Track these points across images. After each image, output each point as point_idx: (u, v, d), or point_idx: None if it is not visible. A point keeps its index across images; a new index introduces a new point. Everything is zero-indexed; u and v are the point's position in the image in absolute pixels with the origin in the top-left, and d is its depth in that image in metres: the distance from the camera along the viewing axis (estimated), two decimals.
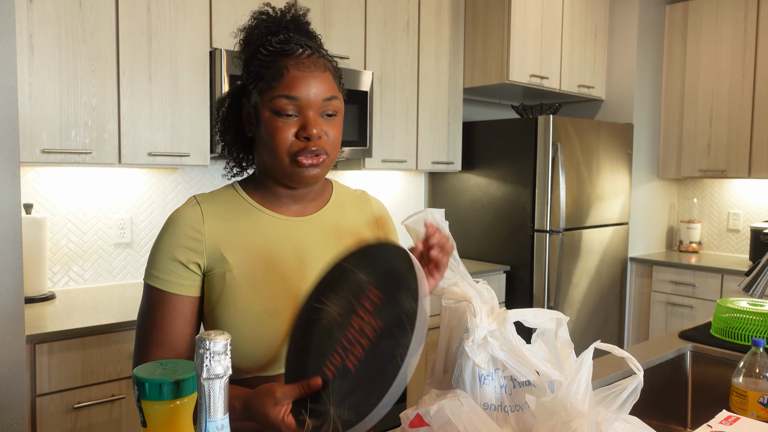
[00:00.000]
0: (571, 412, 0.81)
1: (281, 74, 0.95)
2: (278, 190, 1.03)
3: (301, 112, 0.96)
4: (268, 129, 0.96)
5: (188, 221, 0.99)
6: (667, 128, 4.01)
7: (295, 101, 0.95)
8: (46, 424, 1.81)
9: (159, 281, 0.98)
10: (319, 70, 0.97)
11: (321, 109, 0.97)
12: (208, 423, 0.57)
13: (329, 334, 0.84)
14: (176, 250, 0.97)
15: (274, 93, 0.95)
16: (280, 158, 0.96)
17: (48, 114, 2.03)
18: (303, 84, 0.95)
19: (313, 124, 0.95)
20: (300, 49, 0.98)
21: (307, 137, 0.95)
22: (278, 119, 0.95)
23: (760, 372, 1.27)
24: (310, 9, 2.65)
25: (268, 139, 0.97)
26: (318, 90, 0.96)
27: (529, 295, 3.27)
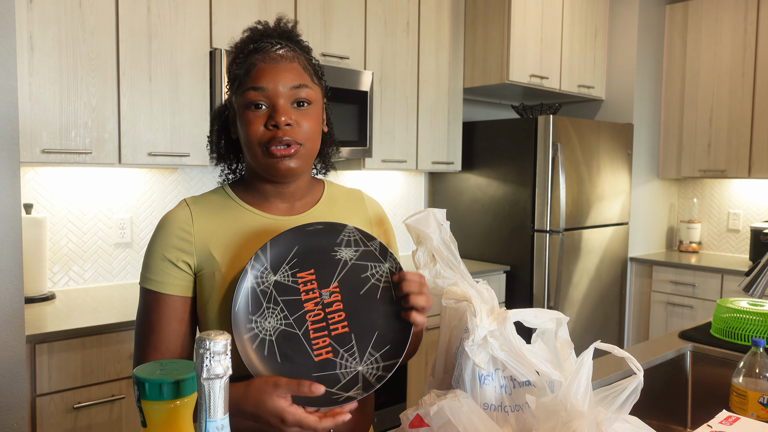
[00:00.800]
0: (571, 412, 0.81)
1: (250, 69, 0.98)
2: (265, 189, 1.04)
3: (270, 102, 0.97)
4: (241, 123, 0.99)
5: (178, 222, 1.01)
6: (667, 128, 4.01)
7: (263, 92, 0.96)
8: (46, 424, 1.81)
9: (152, 283, 0.99)
10: (286, 60, 0.99)
11: (291, 98, 0.98)
12: (208, 423, 0.57)
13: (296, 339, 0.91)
14: (167, 251, 0.99)
15: (244, 87, 0.98)
16: (254, 150, 0.98)
17: (48, 114, 2.03)
18: (270, 74, 0.97)
19: (281, 112, 0.96)
20: (270, 45, 1.00)
21: (275, 125, 0.96)
22: (249, 112, 0.97)
23: (760, 372, 1.27)
24: (310, 9, 2.66)
25: (242, 133, 0.99)
26: (285, 79, 0.97)
27: (529, 295, 3.27)
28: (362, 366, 0.90)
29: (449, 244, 1.04)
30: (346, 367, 0.90)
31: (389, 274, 0.93)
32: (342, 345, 0.90)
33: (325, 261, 0.93)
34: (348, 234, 0.94)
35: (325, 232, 0.94)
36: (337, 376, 0.89)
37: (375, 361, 0.90)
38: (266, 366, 0.89)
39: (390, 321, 0.92)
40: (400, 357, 0.90)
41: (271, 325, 0.90)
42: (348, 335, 0.90)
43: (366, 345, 0.91)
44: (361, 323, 0.91)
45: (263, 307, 0.91)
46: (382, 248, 0.94)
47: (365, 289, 0.93)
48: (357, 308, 0.92)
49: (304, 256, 0.93)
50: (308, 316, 0.90)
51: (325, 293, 0.92)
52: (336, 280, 0.92)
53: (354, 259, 0.94)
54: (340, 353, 0.90)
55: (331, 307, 0.91)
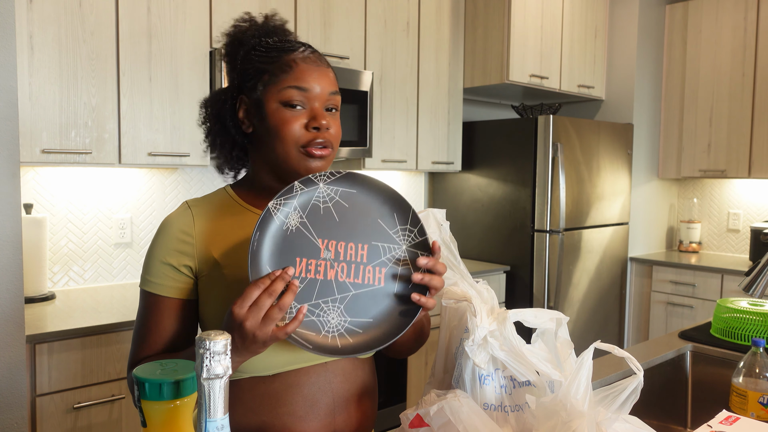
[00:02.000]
0: (571, 412, 0.81)
1: (290, 66, 0.97)
2: (273, 190, 1.04)
3: (309, 104, 0.98)
4: (276, 121, 0.97)
5: (179, 225, 1.00)
6: (667, 128, 4.01)
7: (305, 92, 0.97)
8: (46, 424, 1.81)
9: (151, 285, 0.99)
10: (323, 65, 1.01)
11: (326, 102, 0.99)
12: (208, 423, 0.57)
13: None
14: (167, 254, 0.99)
15: (283, 84, 0.97)
16: (287, 150, 0.97)
17: (48, 114, 2.03)
18: (312, 76, 0.97)
19: (323, 115, 0.97)
20: (301, 47, 1.01)
21: (317, 128, 0.96)
22: (287, 110, 0.97)
23: (760, 372, 1.27)
24: (310, 9, 2.66)
25: (275, 131, 0.97)
26: (325, 83, 0.99)
27: (529, 295, 3.27)
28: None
29: (449, 244, 1.04)
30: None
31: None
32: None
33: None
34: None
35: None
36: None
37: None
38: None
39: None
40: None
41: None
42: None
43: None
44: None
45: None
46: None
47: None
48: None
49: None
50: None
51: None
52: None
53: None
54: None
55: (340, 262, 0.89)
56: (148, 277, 1.00)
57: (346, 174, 0.89)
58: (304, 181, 0.88)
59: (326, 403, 0.98)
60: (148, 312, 1.00)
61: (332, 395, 0.99)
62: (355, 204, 0.90)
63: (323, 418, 0.98)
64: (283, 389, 0.96)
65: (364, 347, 0.87)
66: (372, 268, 0.89)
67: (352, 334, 0.88)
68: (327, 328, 0.87)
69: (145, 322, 1.00)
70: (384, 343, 0.88)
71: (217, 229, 1.00)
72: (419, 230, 0.91)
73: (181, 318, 1.00)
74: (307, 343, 0.85)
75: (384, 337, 0.88)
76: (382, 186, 0.91)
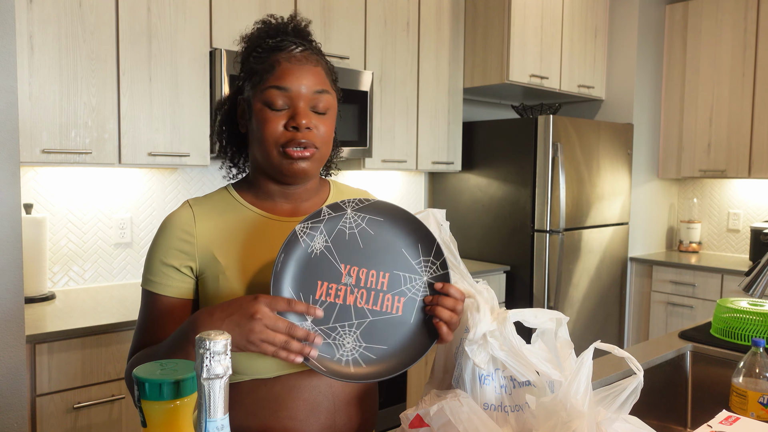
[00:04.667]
0: (571, 412, 0.81)
1: (273, 67, 0.97)
2: (271, 189, 1.03)
3: (291, 104, 0.96)
4: (258, 121, 0.97)
5: (180, 224, 1.00)
6: (667, 128, 4.01)
7: (286, 92, 0.95)
8: (46, 424, 1.81)
9: (152, 285, 0.99)
10: (310, 63, 0.99)
11: (311, 101, 0.97)
12: (208, 423, 0.57)
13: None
14: (168, 254, 0.98)
15: (265, 84, 0.96)
16: (268, 150, 0.97)
17: (48, 114, 2.03)
18: (294, 75, 0.96)
19: (302, 114, 0.95)
20: (293, 46, 0.99)
21: (295, 127, 0.95)
22: (268, 110, 0.96)
23: (760, 372, 1.27)
24: (310, 9, 2.66)
25: (257, 130, 0.97)
26: (309, 82, 0.97)
27: (529, 295, 3.27)
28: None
29: (449, 244, 1.04)
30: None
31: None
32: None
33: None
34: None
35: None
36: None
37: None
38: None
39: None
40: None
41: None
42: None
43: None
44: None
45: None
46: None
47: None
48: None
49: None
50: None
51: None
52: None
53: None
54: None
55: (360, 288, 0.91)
56: (150, 277, 1.00)
57: (374, 202, 0.91)
58: (333, 206, 0.90)
59: (327, 407, 0.98)
60: (148, 311, 1.00)
61: (333, 399, 0.98)
62: (381, 232, 0.92)
63: (324, 421, 0.97)
64: (284, 392, 0.96)
65: (376, 374, 0.88)
66: (391, 296, 0.91)
67: (366, 360, 0.89)
68: (342, 352, 0.88)
69: (146, 320, 1.00)
70: (396, 371, 0.89)
71: (218, 228, 1.00)
72: (441, 263, 0.92)
73: (181, 317, 0.99)
74: (320, 365, 0.86)
75: (397, 366, 0.89)
76: (409, 216, 0.92)
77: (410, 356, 0.90)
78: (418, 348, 0.90)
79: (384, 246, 0.91)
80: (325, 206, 0.90)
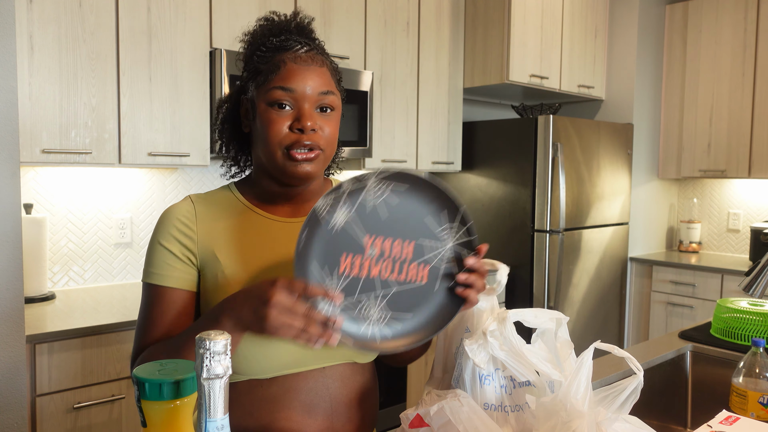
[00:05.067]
0: (571, 412, 0.81)
1: (278, 67, 0.95)
2: (273, 189, 1.02)
3: (297, 105, 0.95)
4: (262, 121, 0.96)
5: (180, 216, 0.99)
6: (667, 128, 4.01)
7: (291, 93, 0.94)
8: (46, 424, 1.81)
9: (154, 276, 0.97)
10: (316, 64, 0.97)
11: (317, 102, 0.96)
12: (208, 423, 0.57)
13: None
14: (169, 243, 0.97)
15: (270, 85, 0.95)
16: (272, 151, 0.95)
17: (48, 114, 2.03)
18: (299, 76, 0.95)
19: (307, 116, 0.94)
20: (298, 45, 0.98)
21: (300, 129, 0.94)
22: (273, 111, 0.95)
23: (760, 372, 1.27)
24: (310, 9, 2.66)
25: (262, 131, 0.96)
26: (314, 83, 0.96)
27: (529, 295, 3.27)
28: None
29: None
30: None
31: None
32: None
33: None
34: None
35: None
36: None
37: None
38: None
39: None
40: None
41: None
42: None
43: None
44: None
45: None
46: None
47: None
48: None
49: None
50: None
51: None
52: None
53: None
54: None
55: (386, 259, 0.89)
56: (150, 269, 0.98)
57: (396, 171, 0.88)
58: (354, 179, 0.87)
59: (324, 408, 0.97)
60: (151, 304, 0.97)
61: (330, 400, 0.98)
62: (404, 201, 0.89)
63: (321, 423, 0.97)
64: (281, 394, 0.95)
65: (402, 345, 0.88)
66: (416, 265, 0.89)
67: (392, 331, 0.89)
68: (367, 325, 0.88)
69: (149, 314, 0.97)
70: (423, 340, 0.88)
71: (220, 227, 0.99)
72: (468, 229, 0.90)
73: (186, 310, 0.98)
74: (346, 338, 0.85)
75: (423, 335, 0.89)
76: (433, 183, 0.89)
77: (436, 324, 0.89)
78: (444, 315, 0.90)
79: (408, 215, 0.89)
80: (347, 179, 0.87)
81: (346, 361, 1.00)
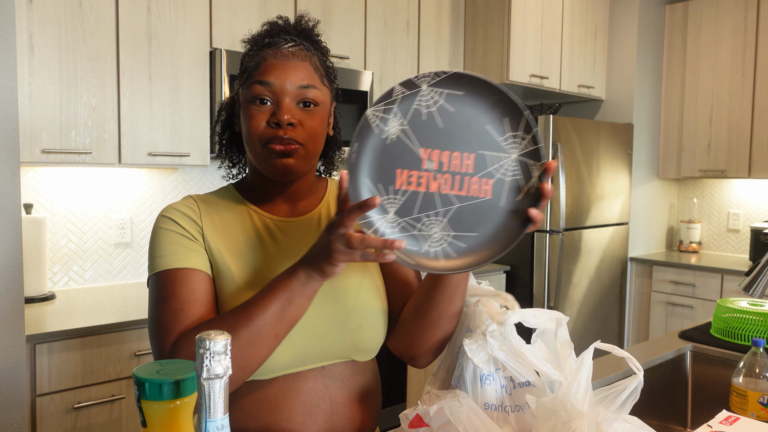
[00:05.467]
0: (571, 412, 0.81)
1: (259, 63, 0.96)
2: (266, 186, 1.03)
3: (275, 99, 0.95)
4: (244, 116, 0.97)
5: (184, 209, 0.98)
6: (667, 128, 4.01)
7: (269, 87, 0.94)
8: (46, 424, 1.81)
9: (168, 260, 0.92)
10: (297, 59, 0.96)
11: (297, 97, 0.95)
12: (208, 423, 0.57)
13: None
14: (180, 229, 0.95)
15: (250, 80, 0.95)
16: (254, 146, 0.96)
17: (48, 114, 2.03)
18: (278, 70, 0.95)
19: (285, 110, 0.93)
20: (284, 42, 0.98)
21: (276, 123, 0.93)
22: (253, 106, 0.95)
23: (760, 372, 1.27)
24: (310, 9, 2.66)
25: (244, 127, 0.97)
26: (293, 78, 0.95)
27: (529, 295, 3.27)
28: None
29: None
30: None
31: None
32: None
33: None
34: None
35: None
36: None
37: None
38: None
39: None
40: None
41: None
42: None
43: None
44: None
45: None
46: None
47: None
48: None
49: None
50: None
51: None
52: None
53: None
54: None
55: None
56: (161, 256, 0.92)
57: (452, 74, 0.80)
58: (406, 83, 0.80)
59: (324, 409, 0.97)
60: (168, 293, 0.89)
61: (330, 401, 0.98)
62: (462, 108, 0.82)
63: (322, 423, 0.97)
64: (281, 395, 0.95)
65: (467, 265, 0.81)
66: (478, 179, 0.82)
67: (456, 249, 0.82)
68: (429, 244, 0.81)
69: (169, 304, 0.89)
70: (488, 260, 0.81)
71: (224, 226, 0.99)
72: (533, 138, 0.81)
73: (210, 298, 0.92)
74: (408, 258, 0.79)
75: (489, 255, 0.81)
76: (493, 87, 0.81)
77: (503, 243, 0.82)
78: (511, 233, 0.82)
79: (466, 123, 0.81)
80: (398, 84, 0.80)
81: (346, 359, 1.00)
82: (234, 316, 0.85)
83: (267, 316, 0.84)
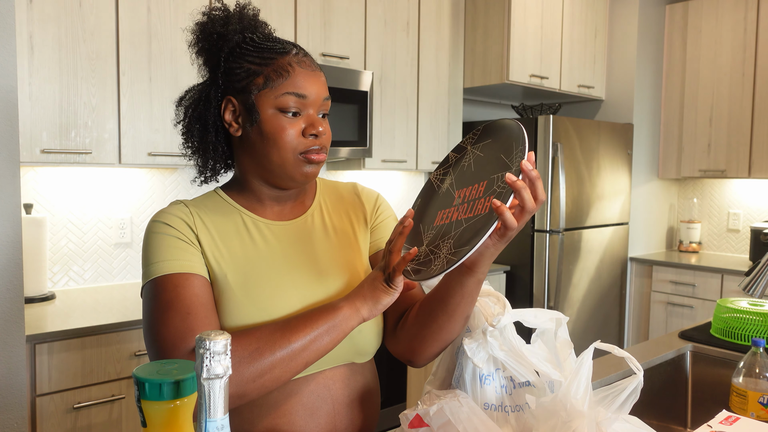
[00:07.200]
0: (571, 412, 0.81)
1: (287, 71, 0.95)
2: (264, 192, 1.01)
3: (305, 111, 0.96)
4: (272, 127, 0.94)
5: (181, 215, 0.97)
6: (667, 128, 4.01)
7: (303, 99, 0.95)
8: (46, 424, 1.81)
9: (168, 264, 0.91)
10: (317, 69, 0.99)
11: (321, 108, 0.98)
12: (208, 423, 0.57)
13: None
14: (177, 233, 0.94)
15: (280, 90, 0.94)
16: (284, 156, 0.95)
17: (48, 114, 2.03)
18: (310, 82, 0.96)
19: (319, 122, 0.97)
20: (293, 48, 0.98)
21: (314, 134, 0.96)
22: (284, 117, 0.95)
23: (760, 372, 1.27)
24: (310, 9, 2.66)
25: (272, 138, 0.95)
26: (320, 89, 0.98)
27: (529, 295, 3.27)
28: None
29: None
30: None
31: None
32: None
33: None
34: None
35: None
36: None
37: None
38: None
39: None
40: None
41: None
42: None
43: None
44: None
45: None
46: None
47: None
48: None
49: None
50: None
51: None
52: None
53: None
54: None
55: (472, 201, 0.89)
56: (157, 261, 0.91)
57: (483, 128, 0.94)
58: (457, 149, 0.96)
59: (326, 411, 0.97)
60: (168, 298, 0.87)
61: (332, 402, 0.98)
62: (489, 150, 0.93)
63: (324, 425, 0.97)
64: (282, 398, 0.95)
65: (449, 262, 0.82)
66: (484, 199, 0.87)
67: (449, 262, 0.84)
68: (435, 263, 0.86)
69: (175, 307, 0.86)
70: (453, 263, 0.81)
71: (217, 231, 0.98)
72: (523, 148, 0.85)
73: (210, 303, 0.91)
74: (416, 276, 0.88)
75: (466, 249, 0.81)
76: (505, 123, 0.92)
77: (479, 239, 0.83)
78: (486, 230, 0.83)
79: (490, 160, 0.91)
80: (451, 151, 0.97)
81: (346, 362, 1.00)
82: (273, 335, 0.87)
83: (305, 341, 0.88)
